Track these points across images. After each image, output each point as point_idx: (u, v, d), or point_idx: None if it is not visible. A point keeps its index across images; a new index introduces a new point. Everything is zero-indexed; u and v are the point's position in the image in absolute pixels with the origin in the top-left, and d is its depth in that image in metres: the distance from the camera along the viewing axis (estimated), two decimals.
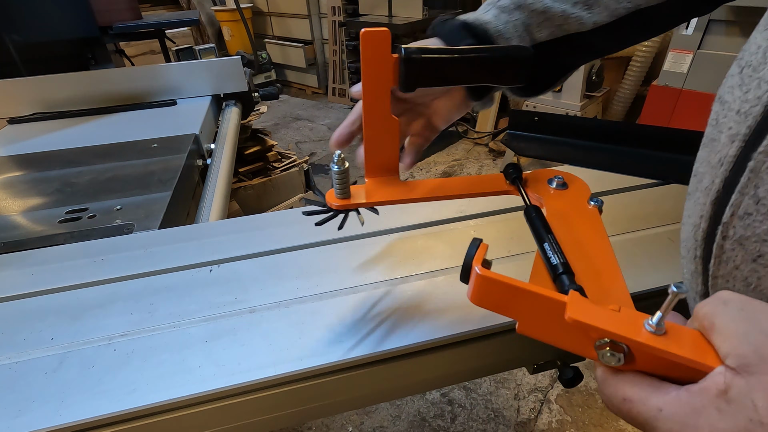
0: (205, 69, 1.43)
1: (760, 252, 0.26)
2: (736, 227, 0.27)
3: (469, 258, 0.31)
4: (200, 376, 0.44)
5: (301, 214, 0.49)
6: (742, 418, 0.21)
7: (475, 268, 0.30)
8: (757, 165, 0.26)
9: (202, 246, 0.64)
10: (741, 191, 0.27)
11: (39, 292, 0.57)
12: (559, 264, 0.33)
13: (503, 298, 0.30)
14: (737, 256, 0.28)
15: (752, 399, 0.21)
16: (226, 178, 1.05)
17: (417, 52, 0.39)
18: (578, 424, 1.42)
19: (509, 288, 0.29)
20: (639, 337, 0.24)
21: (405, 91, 0.41)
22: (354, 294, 0.54)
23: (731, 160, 0.28)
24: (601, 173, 0.75)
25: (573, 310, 0.26)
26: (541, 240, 0.37)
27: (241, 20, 3.09)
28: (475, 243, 0.32)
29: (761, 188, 0.25)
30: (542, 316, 0.29)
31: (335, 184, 0.44)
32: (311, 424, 1.47)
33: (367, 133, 0.44)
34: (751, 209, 0.26)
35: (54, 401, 0.42)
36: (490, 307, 0.31)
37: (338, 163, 0.42)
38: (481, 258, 0.31)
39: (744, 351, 0.22)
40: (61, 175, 0.94)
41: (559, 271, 0.33)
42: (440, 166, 3.06)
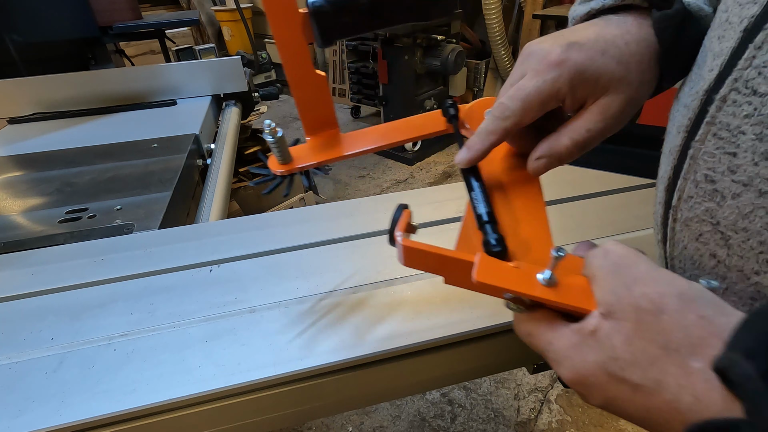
0: (205, 69, 1.43)
1: (700, 231, 0.30)
2: (682, 210, 0.31)
3: (393, 224, 0.33)
4: (200, 376, 0.44)
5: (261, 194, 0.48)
6: (604, 353, 0.25)
7: (397, 237, 0.33)
8: (695, 152, 0.29)
9: (202, 246, 0.64)
10: (684, 176, 0.30)
11: (39, 292, 0.57)
12: (485, 213, 0.35)
13: (426, 261, 0.33)
14: (684, 237, 0.31)
15: (611, 339, 0.25)
16: (226, 178, 1.05)
17: (325, 4, 0.37)
18: (578, 424, 1.41)
19: (429, 254, 0.32)
20: (533, 291, 0.29)
21: (323, 46, 0.39)
22: (354, 294, 0.54)
23: (678, 149, 0.31)
24: (602, 173, 0.75)
25: (478, 273, 0.30)
26: (470, 187, 0.38)
27: (241, 20, 3.09)
28: (399, 209, 0.34)
29: (699, 173, 0.29)
30: (458, 274, 0.32)
31: (274, 151, 0.44)
32: (311, 424, 1.47)
33: (295, 93, 0.43)
34: (692, 192, 0.30)
35: (54, 401, 0.42)
36: (418, 268, 0.34)
37: (270, 134, 0.42)
38: (405, 224, 0.33)
39: (609, 300, 0.26)
40: (61, 175, 0.94)
41: (483, 220, 0.35)
42: (440, 166, 3.06)
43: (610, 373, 0.25)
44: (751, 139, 0.26)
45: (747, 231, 0.27)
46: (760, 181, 0.26)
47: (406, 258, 0.33)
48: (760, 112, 0.25)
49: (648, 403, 0.24)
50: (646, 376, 0.24)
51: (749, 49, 0.26)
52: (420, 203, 0.71)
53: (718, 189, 0.28)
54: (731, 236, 0.28)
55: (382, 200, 0.73)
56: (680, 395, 0.23)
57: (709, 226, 0.29)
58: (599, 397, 0.26)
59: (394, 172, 3.01)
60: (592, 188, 0.73)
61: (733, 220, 0.28)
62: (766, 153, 0.25)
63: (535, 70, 0.33)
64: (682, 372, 0.23)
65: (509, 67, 3.10)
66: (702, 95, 0.29)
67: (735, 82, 0.27)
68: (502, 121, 0.34)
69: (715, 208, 0.29)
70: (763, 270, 0.27)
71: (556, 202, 0.70)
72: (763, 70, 0.25)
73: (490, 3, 2.81)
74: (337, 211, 0.71)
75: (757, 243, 0.27)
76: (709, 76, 0.29)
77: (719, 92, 0.27)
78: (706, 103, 0.28)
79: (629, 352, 0.24)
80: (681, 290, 0.25)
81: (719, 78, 0.28)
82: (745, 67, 0.26)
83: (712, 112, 0.28)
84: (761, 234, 0.26)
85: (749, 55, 0.26)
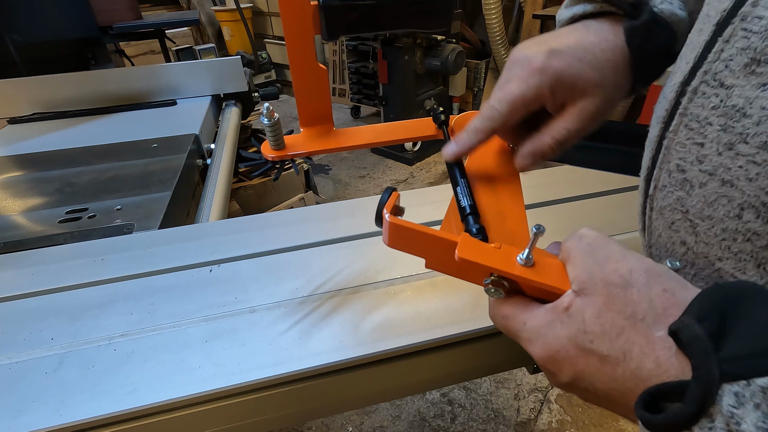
0: (205, 69, 1.43)
1: (673, 219, 0.31)
2: (657, 199, 0.32)
3: (381, 205, 0.34)
4: (200, 376, 0.44)
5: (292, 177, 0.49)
6: (574, 328, 0.26)
7: (385, 215, 0.34)
8: (669, 143, 0.31)
9: (202, 246, 0.64)
10: (660, 166, 0.32)
11: (39, 292, 0.57)
12: (467, 206, 0.37)
13: (411, 241, 0.34)
14: (659, 225, 0.33)
15: (582, 313, 0.26)
16: (226, 178, 1.05)
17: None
18: (578, 424, 1.41)
19: (414, 232, 0.33)
20: (512, 270, 0.30)
21: (328, 39, 0.41)
22: (354, 294, 0.54)
23: (655, 140, 0.32)
24: (602, 173, 0.75)
25: (461, 250, 0.31)
26: (455, 183, 0.40)
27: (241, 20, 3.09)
28: (388, 191, 0.35)
29: (671, 163, 0.31)
30: (442, 255, 0.33)
31: (268, 135, 0.45)
32: (311, 424, 1.47)
33: (296, 83, 0.44)
34: (665, 182, 0.31)
35: (54, 401, 0.42)
36: (402, 249, 0.35)
37: (267, 116, 0.43)
38: (392, 205, 0.34)
39: (583, 278, 0.27)
40: (61, 175, 0.94)
41: (466, 212, 0.37)
42: (440, 166, 3.06)
43: (580, 345, 0.26)
44: (717, 129, 0.27)
45: (712, 219, 0.29)
46: (723, 170, 0.27)
47: (391, 236, 0.34)
48: (725, 103, 0.27)
49: (614, 373, 0.25)
50: (613, 347, 0.25)
51: (719, 42, 0.27)
52: (420, 203, 0.71)
53: (688, 178, 0.30)
54: (698, 224, 0.30)
55: None
56: (643, 362, 0.23)
57: (680, 215, 0.31)
58: (568, 372, 0.27)
59: (394, 172, 3.01)
60: (592, 188, 0.73)
61: (700, 209, 0.29)
62: (728, 143, 0.27)
63: (520, 77, 0.37)
64: (646, 340, 0.24)
65: None
66: (677, 87, 0.30)
67: (705, 74, 0.28)
68: (489, 121, 0.38)
69: (685, 196, 0.30)
70: (725, 256, 0.28)
71: (556, 202, 0.70)
72: (730, 63, 0.26)
73: (490, 3, 2.81)
74: (337, 211, 0.71)
75: (720, 230, 0.28)
76: (685, 68, 0.30)
77: (691, 84, 0.29)
78: (680, 95, 0.30)
79: (599, 324, 0.25)
80: (648, 266, 0.26)
81: (692, 70, 0.29)
82: (714, 60, 0.27)
83: (684, 103, 0.29)
84: (723, 221, 0.28)
85: (718, 48, 0.27)
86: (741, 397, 0.19)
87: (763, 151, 0.25)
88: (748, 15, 0.25)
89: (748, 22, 0.25)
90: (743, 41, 0.25)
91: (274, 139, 0.45)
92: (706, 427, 0.20)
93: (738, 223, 0.27)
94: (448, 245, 0.32)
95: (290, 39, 0.41)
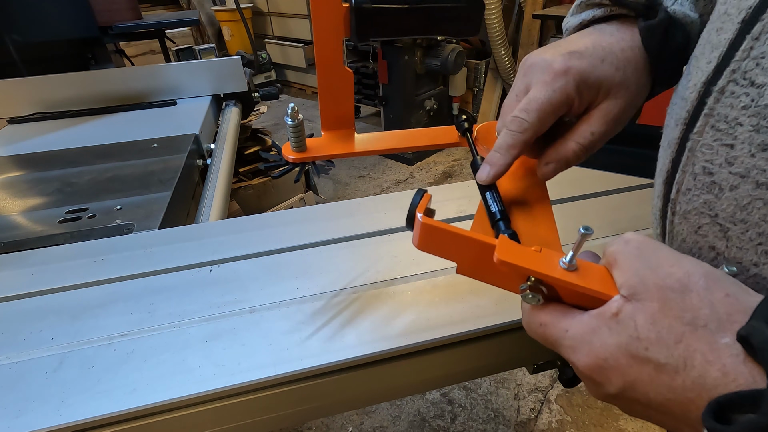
0: (205, 69, 1.43)
1: (699, 224, 0.30)
2: (680, 202, 0.31)
3: (413, 206, 0.33)
4: (200, 376, 0.44)
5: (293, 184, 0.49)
6: (625, 335, 0.25)
7: (417, 216, 0.32)
8: (693, 144, 0.29)
9: (202, 246, 0.64)
10: (683, 169, 0.30)
11: (39, 292, 0.57)
12: (498, 211, 0.36)
13: (443, 244, 0.33)
14: (683, 229, 0.31)
15: (634, 319, 0.25)
16: (226, 178, 1.05)
17: (368, 2, 0.39)
18: (578, 424, 1.41)
19: (448, 234, 0.32)
20: (554, 273, 0.28)
21: (358, 41, 0.41)
22: (354, 294, 0.54)
23: (676, 142, 0.31)
24: (601, 173, 0.75)
25: (500, 252, 0.29)
26: (483, 189, 0.39)
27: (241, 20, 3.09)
28: (420, 192, 0.34)
29: (697, 165, 0.29)
30: (477, 259, 0.32)
31: (290, 136, 0.44)
32: (311, 424, 1.47)
33: (321, 85, 0.44)
34: (690, 185, 0.30)
35: (54, 401, 0.42)
36: (433, 252, 0.34)
37: (292, 116, 0.42)
38: (425, 207, 0.33)
39: (633, 282, 0.26)
40: (61, 175, 0.94)
41: (496, 218, 0.36)
42: (440, 166, 3.06)
43: (633, 354, 0.24)
44: (748, 130, 0.26)
45: (745, 222, 0.27)
46: (757, 172, 0.26)
47: (423, 238, 0.33)
48: (757, 103, 0.26)
49: (672, 383, 0.23)
50: (671, 354, 0.23)
51: (747, 40, 0.26)
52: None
53: (716, 181, 0.28)
54: (730, 228, 0.28)
55: (382, 200, 0.73)
56: (707, 371, 0.22)
57: (708, 219, 0.29)
58: (618, 383, 0.25)
59: (394, 172, 3.01)
60: (592, 188, 0.73)
61: (732, 212, 0.28)
62: (762, 144, 0.25)
63: (543, 81, 0.35)
64: (710, 348, 0.22)
65: (509, 67, 3.10)
66: (700, 87, 0.29)
67: (733, 73, 0.27)
68: (521, 134, 0.35)
69: (713, 200, 0.29)
70: (762, 261, 0.27)
71: (556, 202, 0.70)
72: (761, 61, 0.25)
73: (490, 3, 2.81)
74: (337, 211, 0.71)
75: (756, 234, 0.27)
76: (707, 68, 0.29)
77: (717, 84, 0.28)
78: (704, 95, 0.29)
79: (654, 331, 0.24)
80: (707, 270, 0.25)
81: (717, 69, 0.28)
82: (743, 58, 0.26)
83: (711, 103, 0.28)
84: (759, 225, 0.27)
85: (747, 46, 0.26)
86: None
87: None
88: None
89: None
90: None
91: (297, 141, 0.44)
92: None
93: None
94: (484, 248, 0.31)
95: (319, 40, 0.40)
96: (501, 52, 3.01)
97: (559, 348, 0.29)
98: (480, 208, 0.39)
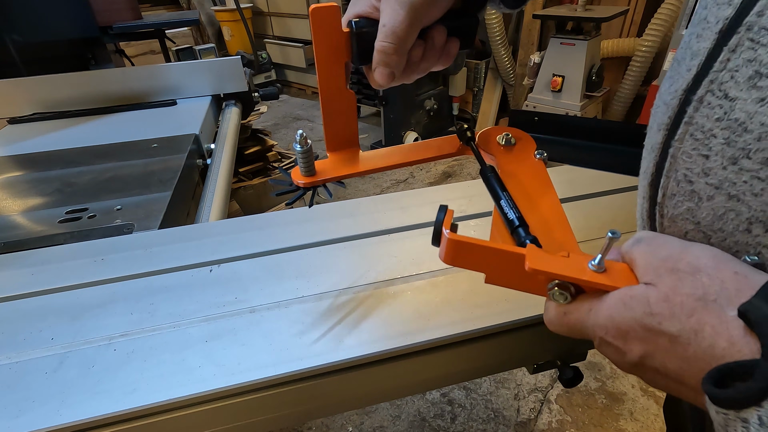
0: (205, 69, 1.43)
1: (686, 229, 0.31)
2: (667, 206, 0.32)
3: (438, 223, 0.34)
4: (200, 376, 0.44)
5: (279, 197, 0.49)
6: (640, 311, 0.27)
7: (444, 232, 0.33)
8: (675, 151, 0.30)
9: (202, 246, 0.64)
10: (667, 174, 0.31)
11: (39, 292, 0.57)
12: (515, 218, 0.37)
13: (470, 257, 0.34)
14: (673, 233, 0.32)
15: (647, 297, 0.27)
16: (226, 178, 1.05)
17: (368, 26, 0.39)
18: (578, 424, 1.41)
19: (476, 247, 0.33)
20: (585, 276, 0.30)
21: (358, 64, 0.41)
22: (354, 294, 0.54)
23: (659, 147, 0.32)
24: (601, 173, 0.75)
25: (532, 261, 0.31)
26: (497, 198, 0.40)
27: (241, 20, 3.09)
28: (443, 209, 0.35)
29: (679, 172, 0.30)
30: (505, 268, 0.34)
31: (300, 162, 0.45)
32: (311, 424, 1.47)
33: (325, 107, 0.44)
34: (674, 190, 0.31)
35: (54, 401, 0.42)
36: (460, 265, 0.35)
37: (300, 143, 0.43)
38: (449, 222, 0.34)
39: (650, 273, 0.28)
40: (61, 175, 0.94)
41: (515, 225, 0.37)
42: (440, 166, 3.06)
43: (648, 327, 0.26)
44: (721, 143, 0.27)
45: (723, 232, 0.29)
46: (729, 185, 0.27)
47: (451, 253, 0.34)
48: (729, 116, 0.26)
49: (685, 353, 0.25)
50: (683, 327, 0.25)
51: (724, 51, 0.26)
52: (420, 203, 0.71)
53: (695, 190, 0.29)
54: (711, 236, 0.30)
55: (382, 200, 0.73)
56: (716, 342, 0.23)
57: (692, 225, 0.31)
58: (638, 351, 0.27)
59: (394, 172, 3.01)
60: (592, 188, 0.73)
61: (710, 221, 0.29)
62: (732, 158, 0.26)
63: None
64: (719, 320, 0.24)
65: (509, 67, 3.10)
66: (681, 94, 0.30)
67: (711, 84, 0.27)
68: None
69: (694, 208, 0.30)
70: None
71: None
72: (735, 74, 0.26)
73: None
74: (337, 211, 0.71)
75: (733, 243, 0.28)
76: (687, 75, 0.29)
77: (696, 93, 0.28)
78: (684, 103, 0.29)
79: (666, 307, 0.26)
80: (715, 253, 0.26)
81: (696, 78, 0.28)
82: (720, 69, 0.27)
83: (690, 112, 0.29)
84: (734, 235, 0.28)
85: (724, 58, 0.26)
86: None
87: (766, 167, 0.25)
88: (753, 25, 0.25)
89: (754, 33, 0.25)
90: (750, 52, 0.25)
91: (306, 166, 0.45)
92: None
93: (748, 237, 0.27)
94: (513, 258, 0.32)
95: (321, 64, 0.41)
96: (501, 52, 3.01)
97: (583, 328, 0.31)
98: (495, 216, 0.39)
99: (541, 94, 2.72)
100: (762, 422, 0.20)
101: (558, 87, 2.59)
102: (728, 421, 0.22)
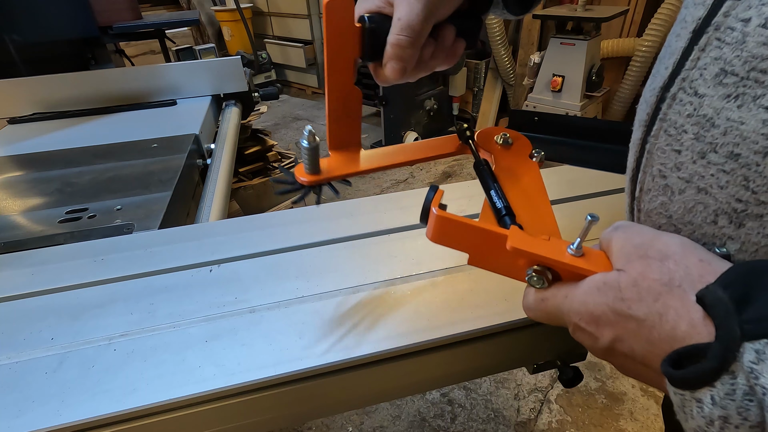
0: (205, 69, 1.43)
1: (659, 223, 0.32)
2: (644, 201, 0.34)
3: (427, 201, 0.35)
4: (200, 376, 0.44)
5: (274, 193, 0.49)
6: (611, 295, 0.28)
7: (432, 209, 0.35)
8: (651, 147, 0.31)
9: (202, 246, 0.64)
10: (644, 170, 0.33)
11: (39, 292, 0.57)
12: (503, 207, 0.39)
13: (457, 235, 0.35)
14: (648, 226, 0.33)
15: (619, 282, 0.28)
16: (226, 178, 1.05)
17: (380, 21, 0.39)
18: (578, 424, 1.41)
19: (462, 225, 0.34)
20: (564, 259, 0.31)
21: (368, 61, 0.41)
22: (354, 294, 0.54)
23: (638, 143, 0.33)
24: (601, 173, 0.75)
25: (513, 240, 0.32)
26: (488, 188, 0.41)
27: (241, 20, 3.09)
28: (433, 188, 0.36)
29: (654, 167, 0.31)
30: (488, 249, 0.35)
31: (305, 159, 0.44)
32: (311, 424, 1.47)
33: (331, 105, 0.44)
34: (650, 185, 0.32)
35: (54, 401, 0.42)
36: (446, 243, 0.36)
37: (308, 139, 0.42)
38: (438, 201, 0.35)
39: (622, 260, 0.29)
40: (61, 175, 0.94)
41: (502, 213, 0.38)
42: (440, 166, 3.06)
43: (618, 311, 0.27)
44: (691, 138, 0.28)
45: (692, 224, 0.30)
46: (698, 178, 0.28)
47: (437, 231, 0.35)
48: (698, 112, 0.27)
49: (651, 336, 0.26)
50: (650, 311, 0.26)
51: (695, 50, 0.28)
52: (420, 203, 0.71)
53: (668, 184, 0.31)
54: (681, 229, 0.31)
55: (382, 200, 0.73)
56: (678, 325, 0.25)
57: (665, 219, 0.32)
58: (608, 336, 0.28)
59: (394, 172, 3.01)
60: (592, 188, 0.73)
61: (681, 215, 0.30)
62: (701, 152, 0.28)
63: None
64: (682, 304, 0.25)
65: (509, 67, 3.10)
66: (657, 92, 0.31)
67: (683, 81, 0.28)
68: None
69: (667, 202, 0.31)
70: None
71: (556, 202, 0.70)
72: (704, 72, 0.27)
73: None
74: (337, 211, 0.71)
75: (701, 235, 0.30)
76: (665, 73, 0.30)
77: (671, 90, 0.29)
78: (660, 100, 0.30)
79: (635, 291, 0.27)
80: (683, 240, 0.28)
81: (672, 76, 0.29)
82: (691, 67, 0.28)
83: (664, 109, 0.30)
84: (702, 227, 0.29)
85: (695, 56, 0.28)
86: (761, 353, 0.20)
87: (731, 160, 0.26)
88: (721, 25, 0.26)
89: (721, 32, 0.26)
90: (716, 51, 0.26)
91: (311, 163, 0.44)
92: (728, 383, 0.21)
93: (714, 229, 0.29)
94: (496, 238, 0.33)
95: (332, 59, 0.40)
96: (501, 52, 3.01)
97: (559, 314, 0.32)
98: (485, 205, 0.41)
99: (541, 94, 2.72)
100: (714, 401, 0.21)
101: (558, 87, 2.59)
102: (684, 401, 0.23)
